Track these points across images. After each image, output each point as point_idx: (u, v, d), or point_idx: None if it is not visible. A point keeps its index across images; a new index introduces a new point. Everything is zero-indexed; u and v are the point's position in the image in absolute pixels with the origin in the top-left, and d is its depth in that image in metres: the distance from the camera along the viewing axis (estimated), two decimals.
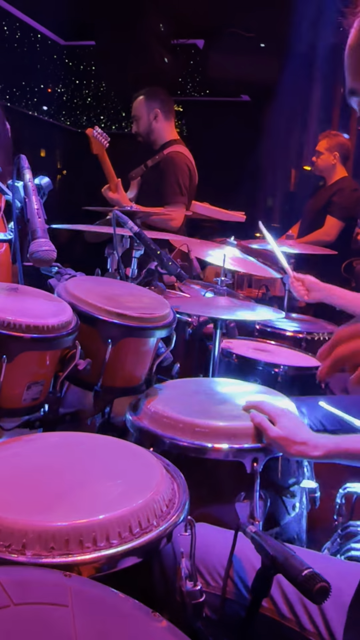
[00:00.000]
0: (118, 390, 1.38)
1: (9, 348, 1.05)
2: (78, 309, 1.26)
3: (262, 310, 1.96)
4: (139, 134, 3.60)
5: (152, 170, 3.51)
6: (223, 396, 1.46)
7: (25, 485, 0.90)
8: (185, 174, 3.43)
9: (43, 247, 1.23)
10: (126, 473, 0.96)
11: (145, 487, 0.91)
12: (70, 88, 7.18)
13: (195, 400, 1.41)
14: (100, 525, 0.81)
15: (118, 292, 1.43)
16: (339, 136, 4.47)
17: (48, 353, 1.14)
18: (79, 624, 0.60)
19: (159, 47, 5.63)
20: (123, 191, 3.35)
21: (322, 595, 0.79)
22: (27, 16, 6.13)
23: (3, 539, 0.78)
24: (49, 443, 1.08)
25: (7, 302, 1.16)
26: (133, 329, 1.29)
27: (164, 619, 0.65)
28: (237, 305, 1.92)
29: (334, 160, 4.33)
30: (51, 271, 1.48)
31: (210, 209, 4.25)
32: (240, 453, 1.22)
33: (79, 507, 0.84)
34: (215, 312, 1.85)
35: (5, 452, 1.01)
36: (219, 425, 1.25)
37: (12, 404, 1.12)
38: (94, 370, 1.28)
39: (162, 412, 1.29)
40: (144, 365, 1.40)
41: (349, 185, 4.35)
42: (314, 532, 1.69)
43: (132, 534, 0.83)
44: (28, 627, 0.59)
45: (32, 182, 1.33)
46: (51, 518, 0.81)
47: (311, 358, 2.23)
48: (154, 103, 3.52)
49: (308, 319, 2.99)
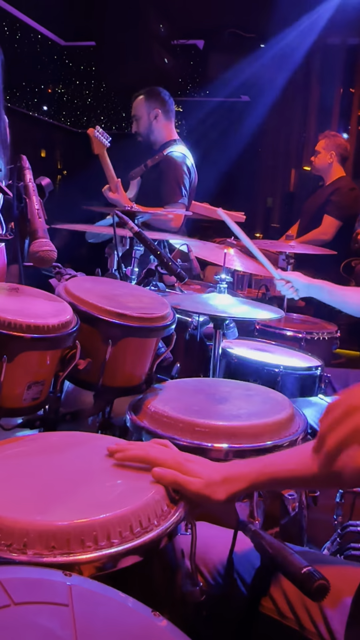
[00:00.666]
0: (118, 390, 1.38)
1: (9, 348, 1.06)
2: (78, 309, 1.26)
3: (262, 310, 1.96)
4: (139, 134, 3.60)
5: (152, 170, 3.51)
6: (223, 396, 1.46)
7: (26, 484, 0.90)
8: (185, 175, 3.43)
9: (43, 247, 1.23)
10: (127, 472, 0.96)
11: (146, 486, 0.91)
12: (70, 88, 7.18)
13: (195, 400, 1.41)
14: (101, 525, 0.81)
15: (118, 292, 1.43)
16: (337, 136, 4.49)
17: (48, 353, 1.15)
18: (79, 623, 0.60)
19: (159, 47, 5.64)
20: (123, 191, 3.35)
21: (321, 593, 0.79)
22: (27, 16, 6.13)
23: (4, 538, 0.78)
24: (49, 443, 1.08)
25: (8, 302, 1.16)
26: (133, 329, 1.30)
27: (164, 619, 0.65)
28: (237, 305, 1.92)
29: (330, 159, 4.34)
30: (51, 271, 1.48)
31: (210, 209, 4.25)
32: (240, 453, 1.23)
33: (80, 506, 0.84)
34: (215, 311, 1.85)
35: (5, 452, 1.01)
36: (219, 425, 1.26)
37: (13, 404, 1.12)
38: (94, 370, 1.28)
39: (162, 412, 1.29)
40: (144, 365, 1.40)
41: (346, 185, 4.37)
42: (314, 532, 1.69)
43: (133, 534, 0.83)
44: (28, 627, 0.59)
45: (32, 182, 1.33)
46: (52, 517, 0.81)
47: (311, 358, 2.23)
48: (154, 103, 3.53)
49: (308, 319, 2.99)
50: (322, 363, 2.15)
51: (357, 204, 4.36)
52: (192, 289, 2.55)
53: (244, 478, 0.98)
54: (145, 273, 1.83)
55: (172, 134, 3.60)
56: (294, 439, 1.30)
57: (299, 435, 1.32)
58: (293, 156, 6.75)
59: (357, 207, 4.35)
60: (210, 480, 0.96)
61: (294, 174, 6.79)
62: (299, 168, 6.68)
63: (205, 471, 0.97)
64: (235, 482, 0.97)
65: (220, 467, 0.99)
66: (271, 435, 1.27)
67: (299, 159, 6.70)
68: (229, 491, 0.96)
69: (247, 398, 1.46)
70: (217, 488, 0.96)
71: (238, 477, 0.98)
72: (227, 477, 0.97)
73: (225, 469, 0.99)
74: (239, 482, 0.97)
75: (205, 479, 0.96)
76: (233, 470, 0.99)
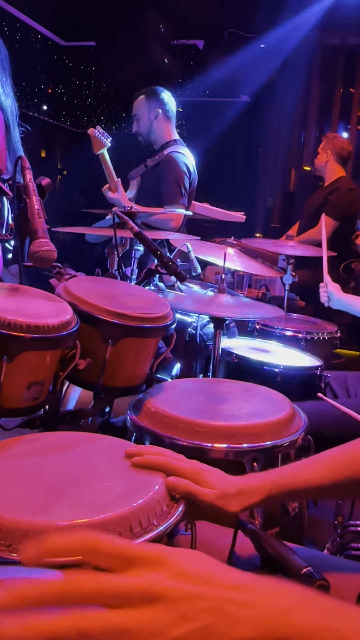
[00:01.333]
0: (118, 390, 1.38)
1: (9, 348, 1.06)
2: (78, 309, 1.26)
3: (262, 310, 1.96)
4: (139, 134, 3.60)
5: (152, 170, 3.51)
6: (223, 396, 1.46)
7: (25, 485, 0.90)
8: (186, 175, 3.44)
9: (43, 247, 1.23)
10: (126, 473, 0.96)
11: (145, 486, 0.91)
12: (70, 88, 7.17)
13: (195, 400, 1.41)
14: (100, 525, 0.81)
15: (118, 292, 1.43)
16: (336, 137, 4.51)
17: (48, 353, 1.15)
18: None
19: (159, 47, 5.64)
20: (123, 191, 3.35)
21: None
22: (27, 16, 6.12)
23: (4, 538, 0.78)
24: (49, 443, 1.08)
25: (7, 302, 1.16)
26: (133, 329, 1.30)
27: None
28: (238, 305, 1.92)
29: (326, 158, 4.37)
30: (51, 271, 1.48)
31: (210, 209, 4.26)
32: (240, 453, 1.23)
33: (80, 506, 0.85)
34: (215, 311, 1.85)
35: (5, 452, 1.01)
36: (219, 425, 1.26)
37: (13, 404, 1.12)
38: (94, 370, 1.28)
39: (162, 412, 1.29)
40: (144, 365, 1.40)
41: (345, 185, 4.38)
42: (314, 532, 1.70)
43: (133, 534, 0.83)
44: None
45: (32, 182, 1.33)
46: (52, 518, 0.81)
47: (311, 358, 2.23)
48: (155, 103, 3.53)
49: (308, 319, 2.99)
50: (322, 363, 2.15)
51: (354, 205, 4.37)
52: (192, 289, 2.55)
53: (259, 490, 0.97)
54: (145, 273, 1.83)
55: (172, 134, 3.60)
56: (294, 439, 1.30)
57: (299, 435, 1.32)
58: (293, 156, 6.76)
59: (354, 207, 4.36)
60: (225, 492, 0.95)
61: (294, 174, 6.79)
62: (299, 168, 6.69)
63: (221, 483, 0.96)
64: (250, 494, 0.97)
65: (235, 480, 0.98)
66: (271, 435, 1.27)
67: (299, 159, 6.71)
68: (243, 504, 0.96)
69: (247, 398, 1.46)
70: (231, 500, 0.95)
71: (253, 490, 0.97)
72: (242, 490, 0.96)
73: (240, 482, 0.98)
74: (254, 495, 0.97)
75: (220, 491, 0.95)
76: (248, 482, 0.98)
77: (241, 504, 0.96)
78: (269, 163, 6.84)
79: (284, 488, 0.98)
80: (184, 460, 1.01)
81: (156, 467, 0.97)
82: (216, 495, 0.94)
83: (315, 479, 0.98)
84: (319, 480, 0.98)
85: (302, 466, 1.05)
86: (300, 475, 1.00)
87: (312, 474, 0.99)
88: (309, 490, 1.00)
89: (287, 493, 0.99)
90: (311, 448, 1.38)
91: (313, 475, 0.99)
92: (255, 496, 0.97)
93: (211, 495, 0.94)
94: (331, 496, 1.38)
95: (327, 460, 1.01)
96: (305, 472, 1.01)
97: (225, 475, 1.00)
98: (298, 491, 1.00)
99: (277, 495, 0.98)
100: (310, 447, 1.38)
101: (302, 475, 1.00)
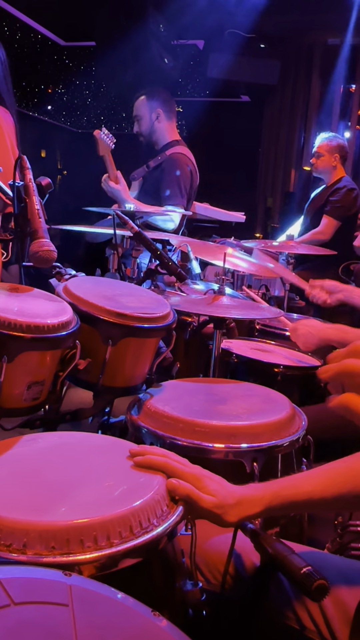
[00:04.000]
0: (118, 390, 1.38)
1: (9, 348, 1.05)
2: (78, 309, 1.26)
3: (262, 310, 1.96)
4: (140, 134, 3.59)
5: (154, 170, 3.51)
6: (223, 396, 1.46)
7: (25, 484, 0.90)
8: (187, 176, 3.43)
9: (44, 247, 1.23)
10: (126, 473, 0.96)
11: (145, 486, 0.91)
12: (70, 88, 7.18)
13: (195, 400, 1.41)
14: (101, 525, 0.81)
15: (118, 292, 1.43)
16: (338, 138, 4.53)
17: (48, 353, 1.15)
18: (79, 623, 0.60)
19: (159, 47, 5.64)
20: (124, 182, 3.23)
21: (321, 593, 0.79)
22: (27, 16, 6.12)
23: (4, 538, 0.78)
24: (49, 443, 1.08)
25: (7, 302, 1.16)
26: (133, 329, 1.30)
27: (164, 619, 0.65)
28: (238, 305, 1.92)
29: (334, 162, 4.39)
30: (51, 271, 1.48)
31: (210, 209, 4.25)
32: (240, 453, 1.23)
33: (80, 506, 0.85)
34: (215, 311, 1.85)
35: (5, 452, 1.01)
36: (219, 425, 1.26)
37: (13, 404, 1.12)
38: (94, 370, 1.28)
39: (162, 412, 1.29)
40: (144, 365, 1.40)
41: (346, 185, 4.39)
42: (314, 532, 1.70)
43: (133, 534, 0.83)
44: (28, 626, 0.59)
45: (32, 182, 1.33)
46: (52, 517, 0.81)
47: (311, 358, 2.23)
48: (155, 103, 3.52)
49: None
50: (322, 363, 2.15)
51: (355, 205, 4.38)
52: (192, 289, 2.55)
53: (258, 502, 0.96)
54: (145, 273, 1.83)
55: (173, 134, 3.59)
56: (294, 439, 1.30)
57: (299, 435, 1.32)
58: (293, 156, 6.76)
59: (355, 207, 4.37)
60: (224, 501, 0.94)
61: (294, 174, 6.80)
62: (299, 168, 6.69)
63: (221, 491, 0.95)
64: (249, 505, 0.96)
65: (235, 490, 0.97)
66: (271, 435, 1.28)
67: (299, 159, 6.71)
68: (241, 514, 0.95)
69: (247, 398, 1.46)
70: (229, 510, 0.94)
71: (252, 500, 0.96)
72: (241, 500, 0.95)
73: (240, 492, 0.97)
74: (253, 506, 0.96)
75: (219, 499, 0.94)
76: (248, 493, 0.97)
77: (239, 515, 0.95)
78: (269, 163, 6.84)
79: (285, 500, 0.97)
80: (187, 464, 1.00)
81: (157, 468, 0.97)
82: (214, 504, 0.94)
83: (317, 491, 0.97)
84: (320, 493, 0.97)
85: (303, 478, 1.04)
86: (301, 487, 0.99)
87: (313, 486, 0.98)
88: (310, 502, 0.98)
89: (287, 505, 0.98)
90: (311, 448, 1.38)
91: (314, 487, 0.97)
92: (255, 507, 0.96)
93: (210, 502, 0.94)
94: (332, 509, 1.36)
95: (329, 473, 0.99)
96: (306, 484, 0.99)
97: (227, 483, 0.99)
98: (299, 503, 0.99)
99: (277, 506, 0.97)
100: (310, 447, 1.38)
101: (304, 487, 0.99)
